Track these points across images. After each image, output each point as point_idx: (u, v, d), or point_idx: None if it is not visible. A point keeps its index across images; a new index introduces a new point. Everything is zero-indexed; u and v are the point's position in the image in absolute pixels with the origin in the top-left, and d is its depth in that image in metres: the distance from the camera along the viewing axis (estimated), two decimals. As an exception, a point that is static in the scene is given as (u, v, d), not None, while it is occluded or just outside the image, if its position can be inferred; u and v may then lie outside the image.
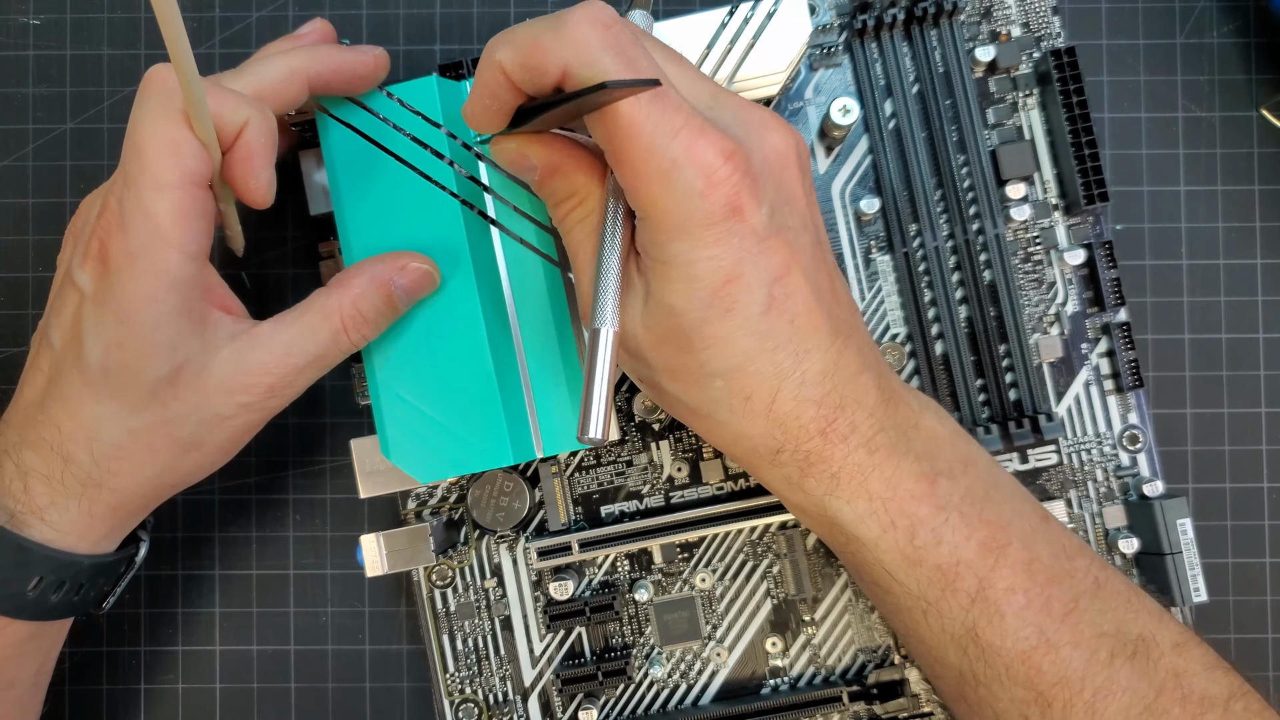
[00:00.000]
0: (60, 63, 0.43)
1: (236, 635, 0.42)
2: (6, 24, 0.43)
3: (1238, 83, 0.42)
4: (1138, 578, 0.39)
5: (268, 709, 0.41)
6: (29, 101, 0.43)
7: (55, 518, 0.32)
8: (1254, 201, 0.42)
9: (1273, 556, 0.41)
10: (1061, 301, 0.39)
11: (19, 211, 0.43)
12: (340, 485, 0.42)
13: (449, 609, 0.40)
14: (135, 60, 0.43)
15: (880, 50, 0.39)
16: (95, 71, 0.43)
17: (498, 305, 0.36)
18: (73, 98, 0.43)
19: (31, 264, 0.42)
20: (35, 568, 0.32)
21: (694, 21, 0.37)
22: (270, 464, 0.42)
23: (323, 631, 0.42)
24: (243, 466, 0.42)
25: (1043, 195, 0.40)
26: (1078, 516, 0.39)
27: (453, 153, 0.36)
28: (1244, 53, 0.42)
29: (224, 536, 0.42)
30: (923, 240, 0.39)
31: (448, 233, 0.35)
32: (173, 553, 0.42)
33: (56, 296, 0.34)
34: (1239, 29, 0.42)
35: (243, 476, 0.42)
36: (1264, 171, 0.42)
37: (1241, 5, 0.42)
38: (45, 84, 0.43)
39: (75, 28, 0.43)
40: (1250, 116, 0.42)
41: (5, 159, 0.43)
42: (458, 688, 0.40)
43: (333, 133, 0.36)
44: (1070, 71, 0.38)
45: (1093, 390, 0.39)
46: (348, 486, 0.42)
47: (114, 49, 0.43)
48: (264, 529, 0.42)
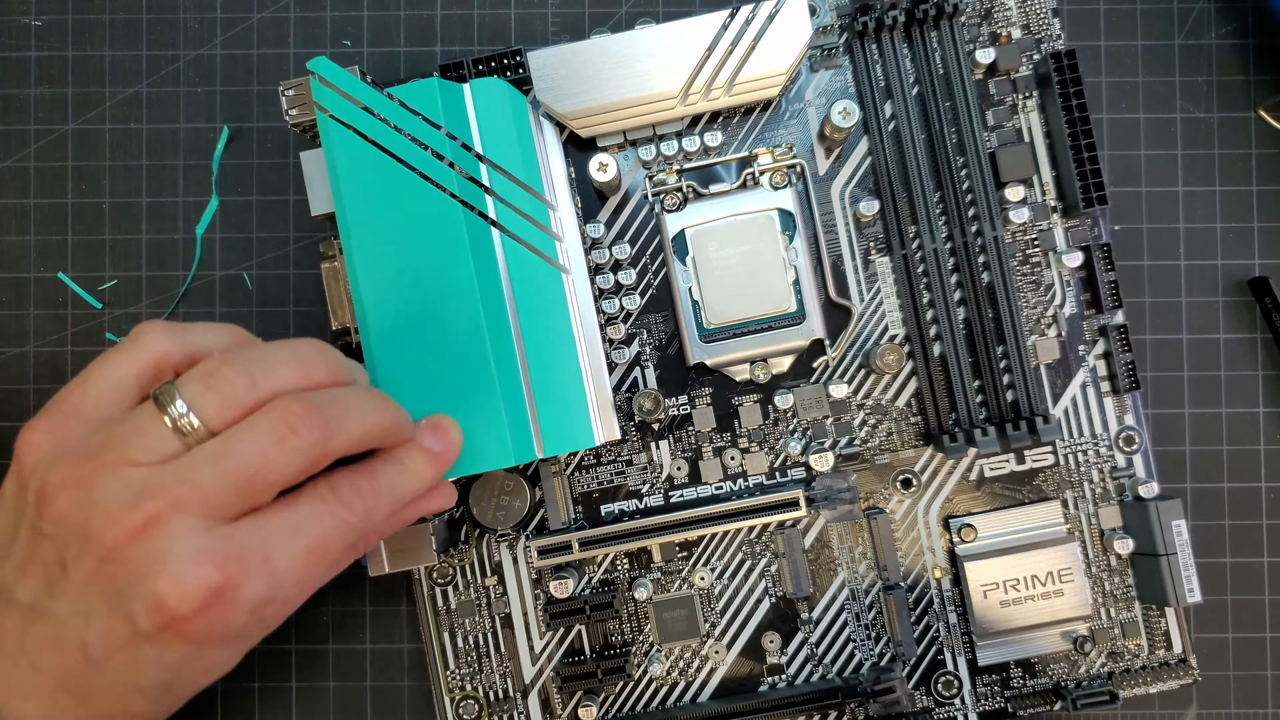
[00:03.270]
0: (62, 64, 0.43)
1: None
2: (8, 25, 0.43)
3: (1236, 84, 0.42)
4: (1132, 578, 0.39)
5: (269, 708, 0.42)
6: (31, 102, 0.43)
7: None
8: (1252, 202, 0.42)
9: (1270, 556, 0.41)
10: (1059, 303, 0.40)
11: (21, 212, 0.43)
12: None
13: (450, 607, 0.40)
14: (137, 61, 0.43)
15: (880, 52, 0.39)
16: (97, 72, 0.43)
17: (498, 306, 0.36)
18: (74, 99, 0.43)
19: (33, 264, 0.43)
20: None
21: (696, 24, 0.37)
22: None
23: (323, 630, 0.42)
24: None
25: (1041, 198, 0.40)
26: (1074, 517, 0.39)
27: (453, 154, 0.36)
28: (1242, 54, 0.42)
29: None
30: (921, 242, 0.39)
31: (448, 234, 0.36)
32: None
33: (77, 596, 0.29)
34: (1237, 30, 0.42)
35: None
36: (1262, 172, 0.42)
37: (1240, 6, 0.42)
38: (47, 85, 0.43)
39: (77, 29, 0.43)
40: (1248, 117, 0.42)
41: (7, 159, 0.43)
42: (458, 684, 0.40)
43: (334, 134, 0.36)
44: (1070, 74, 0.38)
45: (1089, 392, 0.40)
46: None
47: (115, 50, 0.43)
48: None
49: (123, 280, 0.42)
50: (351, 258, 0.36)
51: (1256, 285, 0.41)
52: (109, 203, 0.43)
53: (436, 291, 0.35)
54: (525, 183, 0.37)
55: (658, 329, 0.40)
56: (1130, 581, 0.39)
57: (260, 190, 0.43)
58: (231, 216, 0.43)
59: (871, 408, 0.40)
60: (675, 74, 0.38)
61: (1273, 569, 0.41)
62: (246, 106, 0.43)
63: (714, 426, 0.40)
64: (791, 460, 0.40)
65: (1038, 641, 0.39)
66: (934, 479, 0.40)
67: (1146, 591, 0.39)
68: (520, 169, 0.37)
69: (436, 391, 0.35)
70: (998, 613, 0.38)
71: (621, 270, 0.40)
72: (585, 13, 0.42)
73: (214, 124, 0.43)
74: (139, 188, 0.43)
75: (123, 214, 0.43)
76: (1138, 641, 0.39)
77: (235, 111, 0.43)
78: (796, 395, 0.39)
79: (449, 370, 0.35)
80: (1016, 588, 0.38)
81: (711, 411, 0.40)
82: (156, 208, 0.43)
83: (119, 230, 0.43)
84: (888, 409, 0.40)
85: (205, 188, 0.43)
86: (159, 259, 0.43)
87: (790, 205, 0.39)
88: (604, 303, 0.40)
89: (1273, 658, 0.41)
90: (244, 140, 0.43)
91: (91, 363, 0.31)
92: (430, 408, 0.35)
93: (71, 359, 0.42)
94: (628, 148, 0.40)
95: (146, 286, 0.43)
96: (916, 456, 0.40)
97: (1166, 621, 0.39)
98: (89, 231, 0.43)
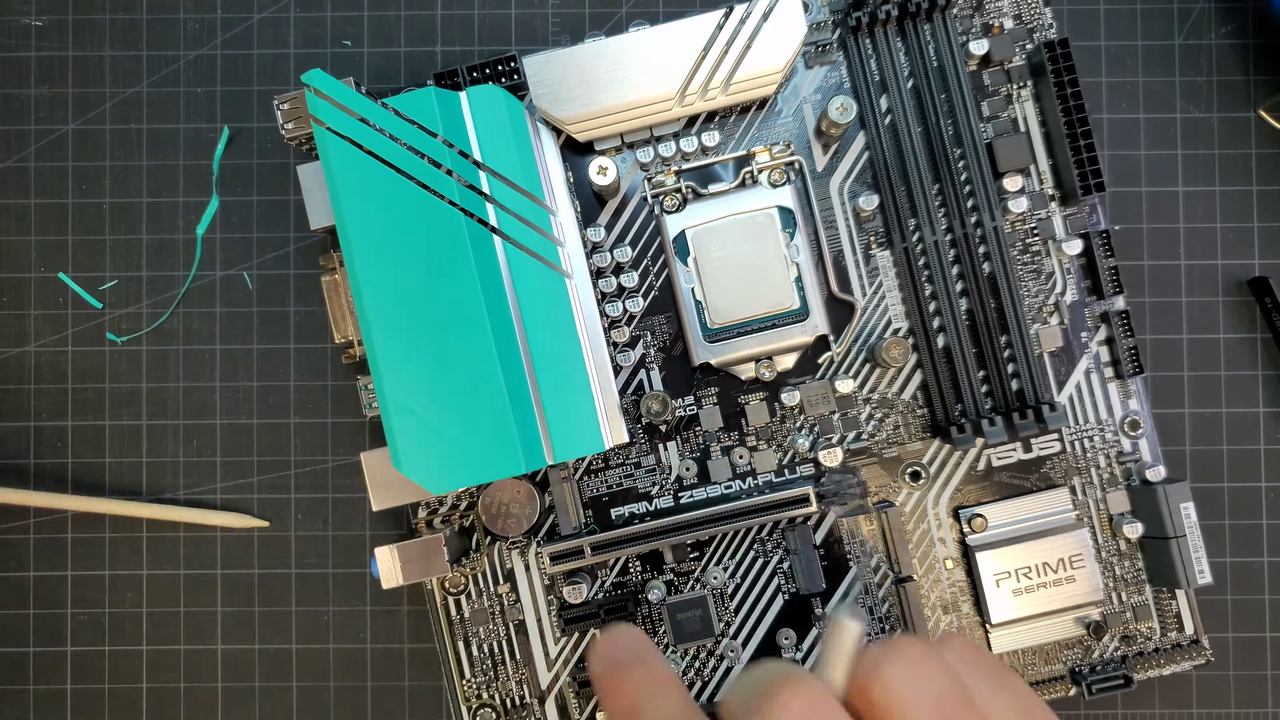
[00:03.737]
0: (62, 64, 0.43)
1: (238, 634, 0.42)
2: (8, 25, 0.43)
3: (1236, 83, 0.42)
4: (1142, 562, 0.39)
5: (269, 708, 0.42)
6: (31, 103, 0.43)
7: None
8: (1252, 202, 0.42)
9: (1270, 556, 0.41)
10: (1060, 291, 0.40)
11: (21, 212, 0.43)
12: (342, 485, 0.42)
13: (463, 615, 0.40)
14: (137, 61, 0.43)
15: (874, 46, 0.39)
16: (97, 73, 0.43)
17: (503, 314, 0.36)
18: (74, 99, 0.43)
19: (34, 265, 0.42)
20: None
21: (691, 24, 0.37)
22: (272, 464, 0.42)
23: (324, 630, 0.42)
24: (244, 466, 0.42)
25: (1039, 187, 0.40)
26: (1082, 503, 0.40)
27: (452, 163, 0.36)
28: (1242, 54, 0.42)
29: (226, 536, 0.42)
30: (922, 235, 0.39)
31: (450, 242, 0.36)
32: (175, 552, 0.42)
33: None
34: (1237, 30, 0.42)
35: (245, 476, 0.42)
36: (1262, 172, 0.42)
37: (1240, 6, 0.42)
38: (47, 85, 0.43)
39: (77, 29, 0.43)
40: (1248, 117, 0.42)
41: (7, 160, 0.42)
42: (474, 693, 0.40)
43: (332, 147, 0.36)
44: (1064, 63, 0.38)
45: (1093, 378, 0.40)
46: (350, 486, 0.42)
47: (115, 50, 0.43)
48: (266, 528, 0.42)
49: (123, 280, 0.42)
50: (354, 270, 0.36)
51: (1256, 285, 0.41)
52: (109, 203, 0.43)
53: (441, 301, 0.35)
54: (525, 189, 0.37)
55: (661, 330, 0.40)
56: (1140, 565, 0.39)
57: (260, 190, 0.43)
58: (231, 216, 0.42)
59: (878, 401, 0.40)
60: (671, 75, 0.38)
61: (1273, 569, 0.41)
62: (246, 106, 0.43)
63: (721, 426, 0.40)
64: (800, 457, 0.40)
65: (1051, 628, 0.39)
66: (942, 470, 0.40)
67: (1157, 574, 0.39)
68: (520, 175, 0.37)
69: (444, 402, 0.35)
70: (1010, 601, 0.39)
71: (623, 273, 0.40)
72: (585, 13, 0.42)
73: (214, 124, 0.43)
74: (139, 188, 0.43)
75: (123, 214, 0.43)
76: (1150, 624, 0.39)
77: (235, 111, 0.43)
78: (803, 391, 0.39)
79: (456, 380, 0.35)
80: (1028, 575, 0.39)
81: (718, 411, 0.40)
82: (156, 208, 0.43)
83: (119, 230, 0.43)
84: (894, 402, 0.40)
85: (205, 188, 0.43)
86: (159, 259, 0.42)
87: (790, 202, 0.39)
88: (607, 306, 0.40)
89: (1273, 657, 0.41)
90: (244, 140, 0.43)
91: None
92: (439, 416, 0.35)
93: (72, 359, 0.42)
94: (625, 150, 0.40)
95: (146, 286, 0.42)
96: (924, 449, 0.40)
97: (1177, 603, 0.39)
98: (89, 231, 0.43)
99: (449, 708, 0.40)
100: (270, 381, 0.42)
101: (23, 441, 0.42)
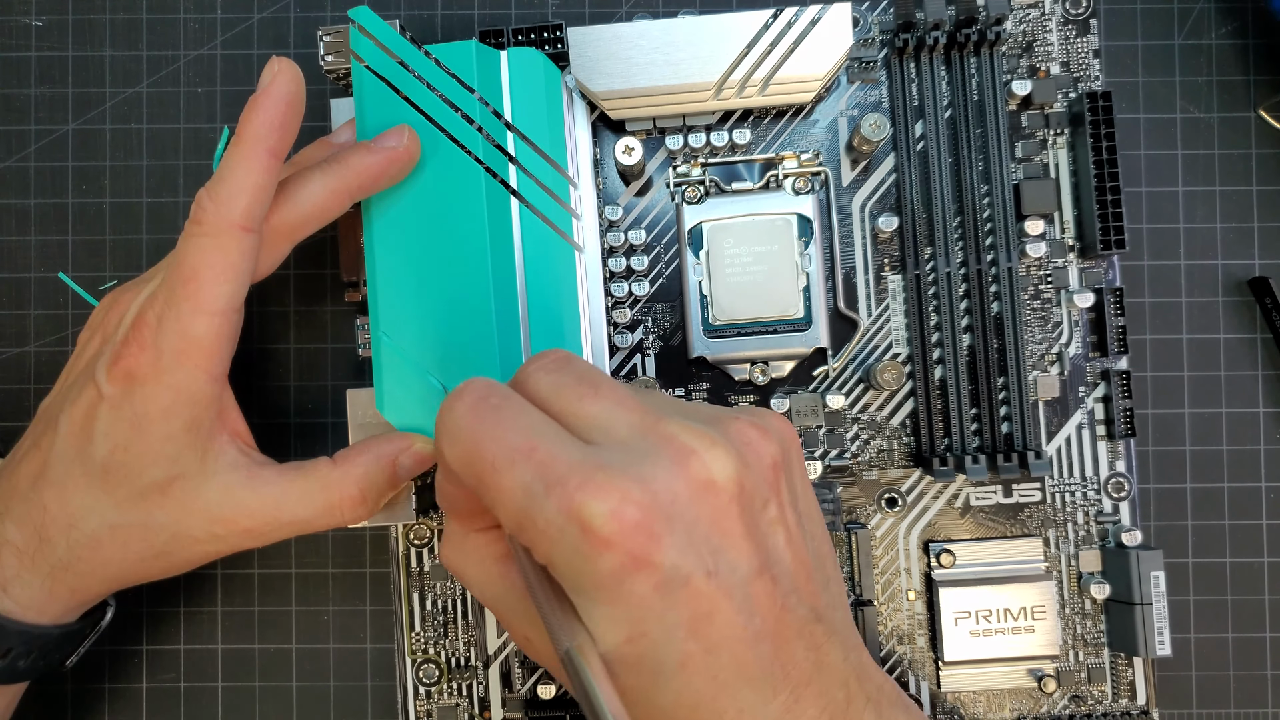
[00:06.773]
0: (62, 64, 0.43)
1: (238, 634, 0.42)
2: (8, 25, 0.43)
3: (1236, 84, 0.42)
4: (1105, 624, 0.39)
5: (269, 707, 0.42)
6: (31, 102, 0.43)
7: (17, 592, 0.33)
8: (1252, 202, 0.42)
9: (1270, 556, 0.41)
10: (1065, 342, 0.40)
11: (21, 212, 0.43)
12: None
13: (423, 568, 0.40)
14: (137, 61, 0.43)
15: (918, 71, 0.39)
16: (97, 72, 0.43)
17: (508, 274, 0.36)
18: (75, 99, 0.43)
19: (34, 265, 0.43)
20: (8, 639, 0.33)
21: (738, 19, 0.38)
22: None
23: (324, 630, 0.42)
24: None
25: (1060, 235, 0.40)
26: (1054, 556, 0.39)
27: (482, 119, 0.36)
28: (1242, 54, 0.42)
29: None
30: (935, 264, 0.39)
31: (467, 197, 0.36)
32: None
33: (73, 386, 0.34)
34: (1237, 30, 0.42)
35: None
36: (1262, 172, 0.42)
37: (1240, 6, 0.42)
38: (47, 85, 0.43)
39: (77, 29, 0.43)
40: (1248, 117, 0.42)
41: (7, 160, 0.43)
42: (421, 647, 0.40)
43: (366, 85, 0.36)
44: (1104, 115, 0.38)
45: (1084, 434, 0.39)
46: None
47: (115, 50, 0.43)
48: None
49: (123, 280, 0.42)
50: (368, 209, 0.36)
51: (1256, 285, 0.41)
52: (109, 203, 0.43)
53: (449, 252, 0.36)
54: (550, 156, 0.37)
55: (663, 318, 0.40)
56: (1102, 627, 0.39)
57: (260, 191, 0.43)
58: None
59: (866, 423, 0.40)
60: (712, 67, 0.38)
61: (1273, 569, 0.41)
62: (247, 107, 0.43)
63: (707, 422, 0.40)
64: (780, 465, 0.40)
65: (1003, 676, 0.39)
66: (919, 501, 0.40)
67: (1117, 639, 0.39)
68: (547, 142, 0.37)
69: (435, 351, 0.35)
70: (966, 641, 0.38)
71: (634, 255, 0.40)
72: (586, 13, 0.43)
73: (214, 124, 0.43)
74: (139, 188, 0.43)
75: (123, 214, 0.43)
76: (1103, 688, 0.39)
77: (235, 111, 0.42)
78: (793, 401, 0.39)
79: (451, 332, 0.35)
80: (988, 619, 0.38)
81: (706, 407, 0.40)
82: (156, 208, 0.43)
83: (119, 230, 0.43)
84: (881, 426, 0.40)
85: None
86: (159, 259, 0.42)
87: (810, 212, 0.39)
88: (613, 285, 0.40)
89: (1273, 658, 0.41)
90: (244, 140, 0.43)
91: None
92: (427, 365, 0.35)
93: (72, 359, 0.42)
94: (656, 134, 0.40)
95: (147, 287, 0.43)
96: (905, 477, 0.40)
97: (1134, 671, 0.39)
98: (89, 231, 0.43)
99: (398, 659, 0.40)
100: (270, 381, 0.42)
101: (23, 441, 0.42)
